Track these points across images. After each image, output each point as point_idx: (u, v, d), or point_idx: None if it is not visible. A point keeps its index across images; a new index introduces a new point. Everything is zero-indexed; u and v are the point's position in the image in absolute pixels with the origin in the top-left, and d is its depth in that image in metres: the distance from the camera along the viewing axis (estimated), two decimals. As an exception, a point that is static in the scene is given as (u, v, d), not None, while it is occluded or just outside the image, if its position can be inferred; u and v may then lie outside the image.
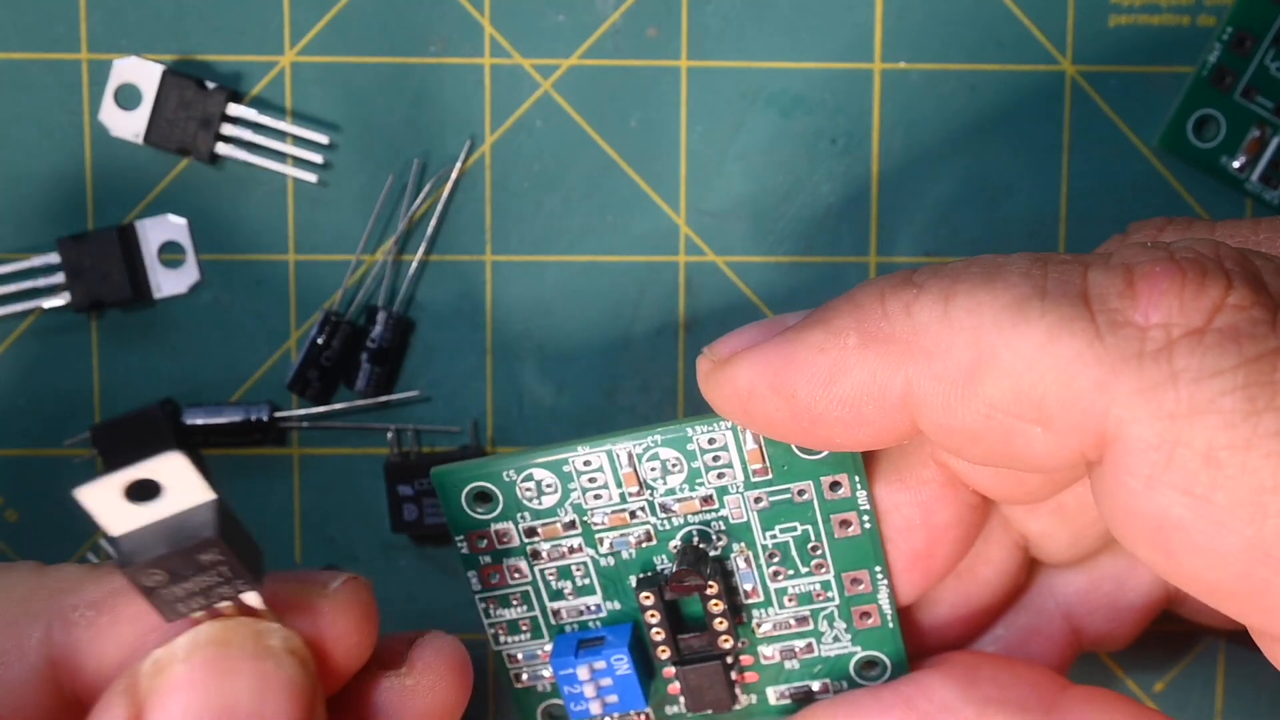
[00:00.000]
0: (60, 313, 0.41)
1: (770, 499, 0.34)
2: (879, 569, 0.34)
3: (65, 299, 0.41)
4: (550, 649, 0.36)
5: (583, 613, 0.35)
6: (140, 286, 0.41)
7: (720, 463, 0.34)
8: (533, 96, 0.41)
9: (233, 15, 0.40)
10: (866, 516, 0.34)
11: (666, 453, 0.34)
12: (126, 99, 0.40)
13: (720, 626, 0.34)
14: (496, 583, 0.35)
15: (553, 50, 0.41)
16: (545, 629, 0.36)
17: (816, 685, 0.36)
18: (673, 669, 0.35)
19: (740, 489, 0.34)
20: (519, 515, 0.34)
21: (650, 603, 0.34)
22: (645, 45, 0.41)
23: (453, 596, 0.42)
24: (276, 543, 0.42)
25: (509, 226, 0.41)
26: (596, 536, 0.35)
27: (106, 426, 0.41)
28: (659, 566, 0.35)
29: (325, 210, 0.41)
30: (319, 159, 0.41)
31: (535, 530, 0.34)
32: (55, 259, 0.41)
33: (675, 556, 0.34)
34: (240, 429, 0.41)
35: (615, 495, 0.34)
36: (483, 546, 0.35)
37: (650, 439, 0.33)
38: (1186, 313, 0.27)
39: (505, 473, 0.34)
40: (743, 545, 0.34)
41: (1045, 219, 0.41)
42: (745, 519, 0.34)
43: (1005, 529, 0.35)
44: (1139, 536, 0.27)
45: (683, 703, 0.36)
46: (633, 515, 0.34)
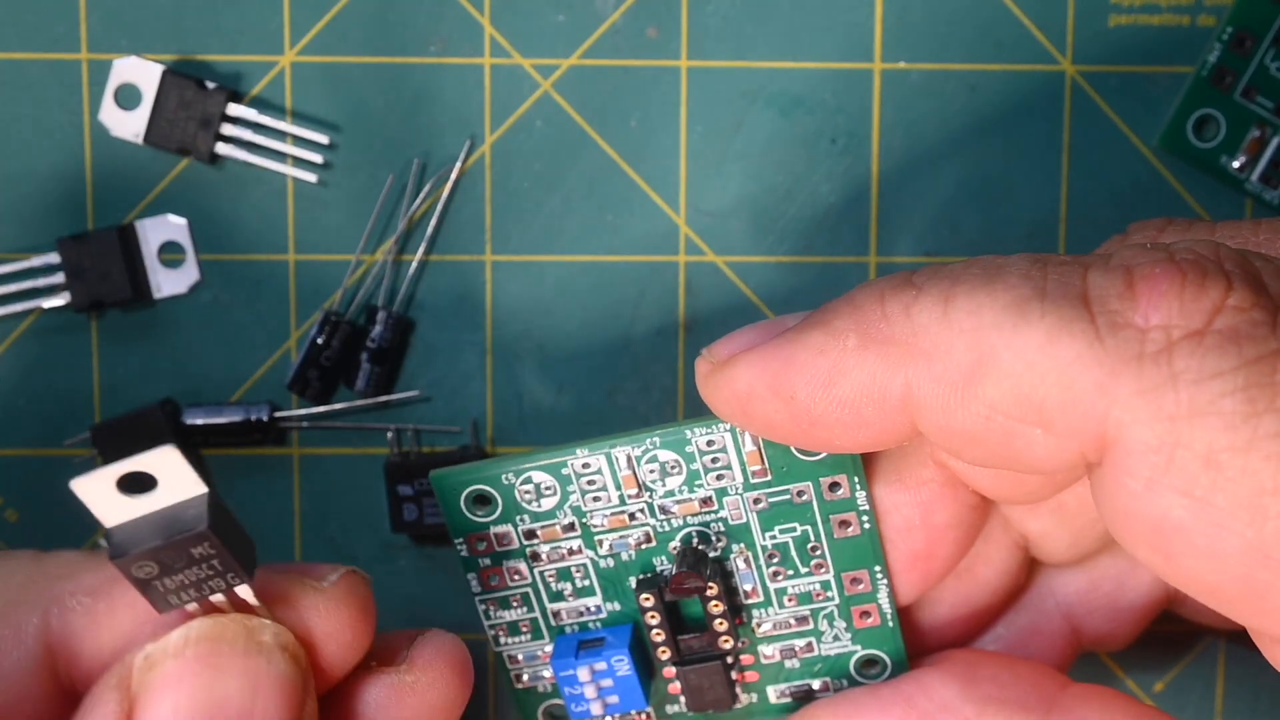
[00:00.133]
0: (60, 313, 0.41)
1: (769, 500, 0.34)
2: (879, 569, 0.34)
3: (65, 299, 0.41)
4: (551, 650, 0.36)
5: (583, 614, 0.35)
6: (140, 286, 0.41)
7: (719, 464, 0.34)
8: (533, 96, 0.41)
9: (233, 15, 0.40)
10: (866, 517, 0.34)
11: (665, 455, 0.34)
12: (126, 99, 0.40)
13: (720, 627, 0.34)
14: (496, 584, 0.35)
15: (553, 50, 0.41)
16: (545, 630, 0.36)
17: (817, 684, 0.36)
18: (673, 669, 0.35)
19: (739, 490, 0.34)
20: (518, 517, 0.34)
21: (650, 604, 0.34)
22: (645, 45, 0.41)
23: (453, 596, 0.42)
24: (276, 543, 0.42)
25: (509, 226, 0.41)
26: (596, 538, 0.35)
27: (106, 426, 0.41)
28: (659, 568, 0.35)
29: (325, 210, 0.41)
30: (319, 159, 0.41)
31: (535, 532, 0.34)
32: (55, 259, 0.41)
33: (675, 558, 0.34)
34: (240, 429, 0.41)
35: (614, 497, 0.34)
36: (482, 549, 0.35)
37: (649, 441, 0.33)
38: (1187, 314, 0.27)
39: (504, 475, 0.34)
40: (742, 546, 0.34)
41: (1045, 219, 0.41)
42: (744, 520, 0.34)
43: (1005, 529, 0.35)
44: (1139, 538, 0.27)
45: (683, 702, 0.36)
46: (632, 517, 0.34)
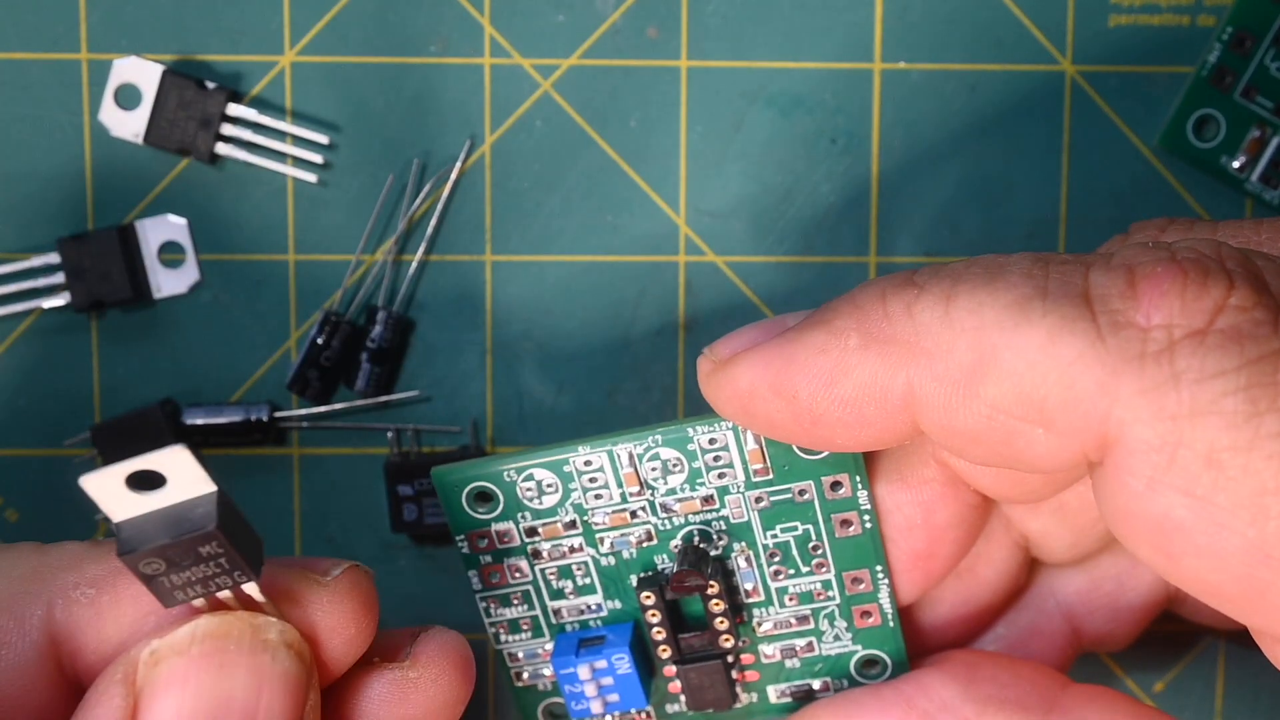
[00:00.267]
0: (60, 313, 0.41)
1: (771, 499, 0.34)
2: (880, 568, 0.34)
3: (65, 299, 0.41)
4: (551, 648, 0.36)
5: (583, 612, 0.35)
6: (140, 286, 0.41)
7: (721, 463, 0.34)
8: (533, 96, 0.41)
9: (233, 15, 0.40)
10: (867, 516, 0.34)
11: (667, 453, 0.34)
12: (126, 99, 0.40)
13: (721, 626, 0.35)
14: (497, 582, 0.35)
15: (553, 50, 0.41)
16: (546, 628, 0.36)
17: (817, 684, 0.36)
18: (673, 668, 0.35)
19: (741, 489, 0.34)
20: (519, 515, 0.34)
21: (651, 602, 0.34)
22: (645, 45, 0.41)
23: (453, 596, 0.42)
24: (277, 543, 0.42)
25: (509, 226, 0.41)
26: (597, 536, 0.35)
27: (106, 426, 0.41)
28: (660, 566, 0.35)
29: (325, 210, 0.41)
30: (319, 159, 0.41)
31: (536, 530, 0.34)
32: (55, 259, 0.40)
33: (676, 556, 0.34)
34: (240, 429, 0.41)
35: (616, 495, 0.34)
36: (483, 546, 0.35)
37: (651, 439, 0.33)
38: (1188, 313, 0.27)
39: (506, 472, 0.34)
40: (743, 545, 0.34)
41: (1045, 219, 0.41)
42: (746, 518, 0.34)
43: (1006, 528, 0.35)
44: (1140, 537, 0.27)
45: (683, 701, 0.36)
46: (633, 515, 0.34)
